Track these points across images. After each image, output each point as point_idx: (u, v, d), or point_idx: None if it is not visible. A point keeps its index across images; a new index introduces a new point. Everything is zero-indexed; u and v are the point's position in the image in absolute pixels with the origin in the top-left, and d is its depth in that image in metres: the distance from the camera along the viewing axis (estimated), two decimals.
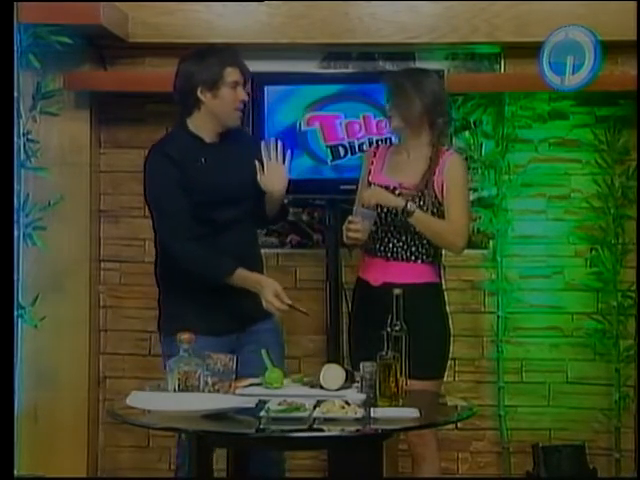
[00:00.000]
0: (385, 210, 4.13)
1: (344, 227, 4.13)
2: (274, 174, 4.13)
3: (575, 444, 5.07)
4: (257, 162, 4.11)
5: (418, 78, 4.18)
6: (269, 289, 3.97)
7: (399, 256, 4.14)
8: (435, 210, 4.12)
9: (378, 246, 4.16)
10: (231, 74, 4.06)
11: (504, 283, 5.16)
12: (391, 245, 4.14)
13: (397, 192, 4.13)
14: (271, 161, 4.14)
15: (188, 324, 3.79)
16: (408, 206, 4.06)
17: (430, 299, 4.18)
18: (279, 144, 4.17)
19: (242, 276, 4.00)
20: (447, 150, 4.22)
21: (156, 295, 4.15)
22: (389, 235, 4.15)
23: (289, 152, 4.20)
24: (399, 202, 4.08)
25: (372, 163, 4.27)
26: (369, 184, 4.22)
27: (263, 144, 4.15)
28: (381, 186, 4.17)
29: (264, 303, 3.96)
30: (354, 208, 4.16)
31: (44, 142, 4.89)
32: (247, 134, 4.46)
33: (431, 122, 4.15)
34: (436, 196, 4.12)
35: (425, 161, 4.15)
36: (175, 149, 4.07)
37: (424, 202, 4.11)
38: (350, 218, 4.11)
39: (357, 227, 4.08)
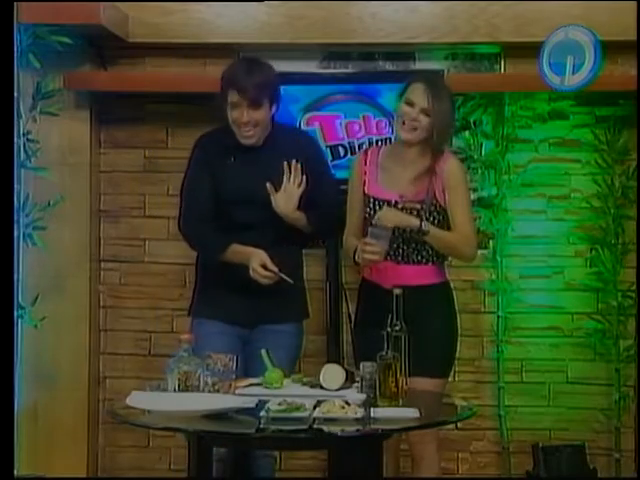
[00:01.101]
0: (400, 207, 4.10)
1: (359, 248, 4.06)
2: (284, 196, 4.14)
3: (575, 444, 5.07)
4: (268, 184, 4.12)
5: (445, 85, 4.18)
6: (256, 258, 4.05)
7: (410, 260, 4.14)
8: (440, 217, 4.11)
9: (389, 248, 4.14)
10: (231, 95, 4.12)
11: (504, 283, 5.16)
12: (401, 250, 4.13)
13: (399, 206, 4.11)
14: (288, 183, 4.15)
15: (210, 309, 4.16)
16: (423, 226, 4.04)
17: (441, 298, 4.20)
18: (298, 167, 4.16)
19: (235, 251, 4.11)
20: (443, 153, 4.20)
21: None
22: (399, 241, 4.11)
23: (305, 179, 4.17)
24: (415, 222, 4.05)
25: (365, 173, 4.21)
26: (364, 195, 4.18)
27: (285, 164, 4.15)
28: (380, 199, 4.14)
29: (251, 272, 4.04)
30: (368, 229, 4.06)
31: (44, 142, 4.88)
32: (299, 135, 4.42)
33: (441, 131, 4.13)
34: (438, 203, 4.12)
35: (424, 170, 4.12)
36: (213, 142, 4.24)
37: (429, 213, 4.10)
38: (366, 240, 4.03)
39: (374, 249, 4.01)
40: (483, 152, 5.17)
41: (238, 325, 4.18)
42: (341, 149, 4.85)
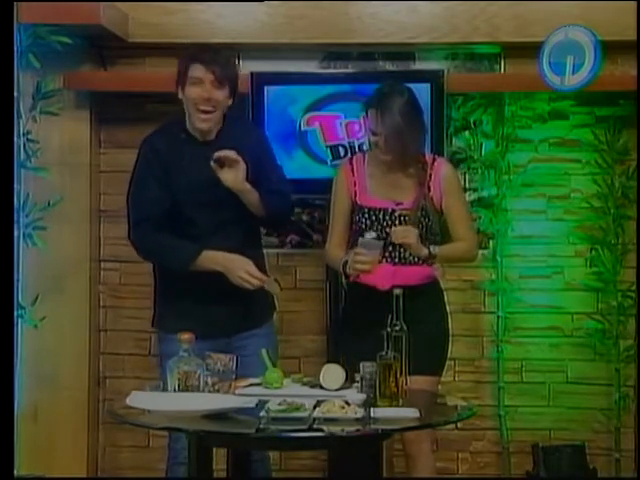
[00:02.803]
0: (397, 214, 4.10)
1: (350, 259, 4.03)
2: (230, 170, 3.96)
3: (575, 444, 5.07)
4: (212, 162, 3.94)
5: (395, 100, 4.05)
6: (239, 265, 3.91)
7: (407, 261, 4.13)
8: (436, 221, 4.11)
9: (385, 253, 4.13)
10: (194, 70, 3.96)
11: (504, 283, 5.16)
12: (397, 253, 4.12)
13: (397, 213, 4.11)
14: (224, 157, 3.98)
15: (182, 324, 3.81)
16: (431, 251, 4.06)
17: (434, 297, 4.23)
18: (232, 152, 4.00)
19: (209, 257, 3.93)
20: (433, 158, 4.18)
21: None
22: (396, 243, 4.11)
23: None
24: (425, 252, 4.06)
25: (355, 183, 4.19)
26: (355, 206, 4.16)
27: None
28: (375, 208, 4.12)
29: (236, 279, 3.90)
30: (359, 239, 4.04)
31: (44, 142, 4.88)
32: (251, 131, 4.29)
33: (417, 136, 4.10)
34: (434, 208, 4.12)
35: (416, 176, 4.12)
36: (164, 141, 4.06)
37: (429, 219, 4.10)
38: (357, 250, 4.01)
39: (365, 259, 3.99)
40: (483, 152, 5.17)
41: (215, 339, 3.93)
42: (341, 149, 4.85)
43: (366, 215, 4.14)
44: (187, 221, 4.02)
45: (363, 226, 4.14)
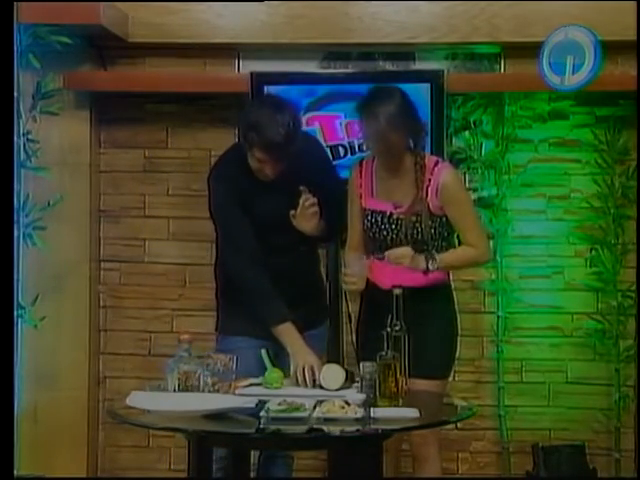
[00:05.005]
0: (395, 217, 4.09)
1: (341, 278, 4.17)
2: (303, 221, 4.15)
3: (575, 444, 5.07)
4: (292, 212, 4.12)
5: (376, 104, 4.01)
6: (300, 364, 3.92)
7: None
8: (437, 225, 4.08)
9: (383, 253, 4.12)
10: (258, 152, 3.99)
11: (504, 283, 5.16)
12: None
13: (394, 217, 4.10)
14: (301, 210, 4.13)
15: (240, 325, 4.07)
16: (430, 266, 4.04)
17: (440, 300, 4.17)
18: (311, 197, 4.12)
19: (285, 332, 4.01)
20: (435, 162, 4.11)
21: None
22: (397, 242, 4.10)
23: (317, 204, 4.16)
24: (423, 265, 4.04)
25: (360, 186, 4.17)
26: (362, 209, 4.17)
27: (302, 190, 4.12)
28: (376, 211, 4.12)
29: (293, 367, 3.94)
30: (346, 258, 4.18)
31: (44, 142, 4.88)
32: (303, 146, 4.23)
33: (409, 137, 4.06)
34: (431, 214, 4.07)
35: (417, 179, 4.10)
36: (234, 172, 4.12)
37: (426, 223, 4.06)
38: (344, 270, 4.13)
39: (353, 279, 4.07)
40: (483, 152, 5.17)
41: (275, 340, 4.06)
42: (341, 149, 4.86)
43: (368, 217, 4.14)
44: (261, 241, 4.11)
45: (366, 228, 4.15)
